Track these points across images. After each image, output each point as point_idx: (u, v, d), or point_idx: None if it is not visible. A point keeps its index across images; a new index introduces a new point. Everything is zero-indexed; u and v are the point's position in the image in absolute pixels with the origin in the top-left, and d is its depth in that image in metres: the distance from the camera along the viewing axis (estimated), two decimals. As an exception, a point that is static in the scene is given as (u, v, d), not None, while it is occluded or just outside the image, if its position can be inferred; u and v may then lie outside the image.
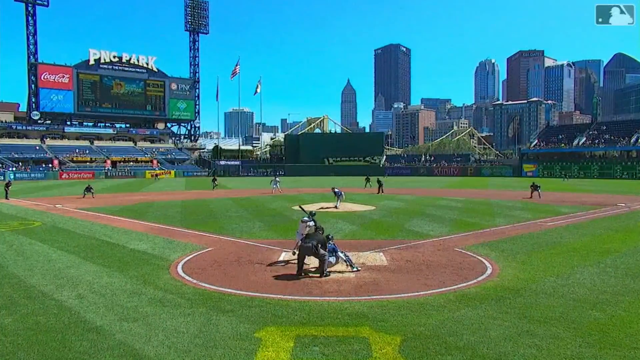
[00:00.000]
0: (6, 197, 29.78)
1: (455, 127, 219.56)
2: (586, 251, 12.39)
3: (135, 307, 7.66)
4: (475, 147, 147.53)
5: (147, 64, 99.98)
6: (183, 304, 7.82)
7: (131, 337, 6.33)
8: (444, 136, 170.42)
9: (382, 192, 35.81)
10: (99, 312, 7.40)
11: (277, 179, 38.32)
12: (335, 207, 24.00)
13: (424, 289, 8.81)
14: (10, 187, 31.57)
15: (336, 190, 25.15)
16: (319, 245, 9.74)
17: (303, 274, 9.76)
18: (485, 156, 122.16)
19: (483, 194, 35.88)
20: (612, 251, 12.36)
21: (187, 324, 6.82)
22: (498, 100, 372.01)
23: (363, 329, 6.63)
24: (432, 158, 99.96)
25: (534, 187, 31.35)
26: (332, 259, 10.12)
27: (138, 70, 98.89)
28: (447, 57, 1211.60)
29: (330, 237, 10.59)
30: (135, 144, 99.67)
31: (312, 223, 11.09)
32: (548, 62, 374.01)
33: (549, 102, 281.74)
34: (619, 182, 56.21)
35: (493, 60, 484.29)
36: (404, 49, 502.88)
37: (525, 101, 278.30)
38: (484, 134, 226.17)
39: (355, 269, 10.13)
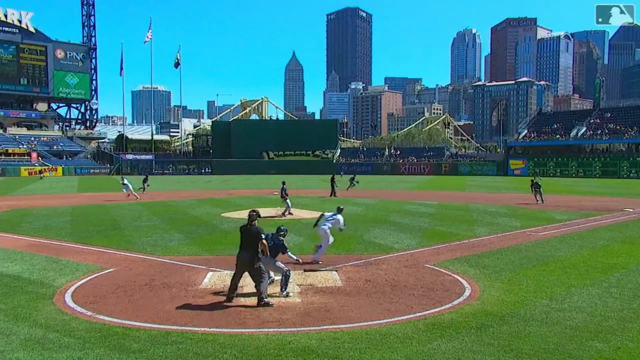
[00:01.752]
0: None
1: (426, 114, 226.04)
2: (586, 268, 13.00)
3: (1, 352, 7.27)
4: (451, 138, 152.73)
5: (20, 22, 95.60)
6: (72, 345, 7.51)
7: (-3, 391, 6.00)
8: (413, 125, 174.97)
9: (335, 195, 36.20)
10: (-50, 359, 6.96)
11: (125, 180, 35.35)
12: (289, 213, 24.62)
13: (388, 315, 8.95)
14: None
15: (285, 188, 25.80)
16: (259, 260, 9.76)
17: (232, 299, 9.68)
18: (463, 150, 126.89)
19: (460, 197, 37.10)
20: (618, 267, 13.02)
21: (77, 371, 6.55)
22: (480, 80, 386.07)
23: None
24: (398, 152, 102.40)
25: (536, 187, 31.39)
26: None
27: (6, 29, 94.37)
28: (418, 26, 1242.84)
29: (282, 229, 11.15)
30: (5, 131, 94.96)
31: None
32: (541, 33, 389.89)
33: (542, 82, 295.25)
34: (625, 182, 59.66)
35: (474, 31, 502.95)
36: (364, 15, 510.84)
37: (513, 82, 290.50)
38: (461, 123, 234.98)
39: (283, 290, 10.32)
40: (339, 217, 13.99)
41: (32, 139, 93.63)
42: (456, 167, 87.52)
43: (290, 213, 24.48)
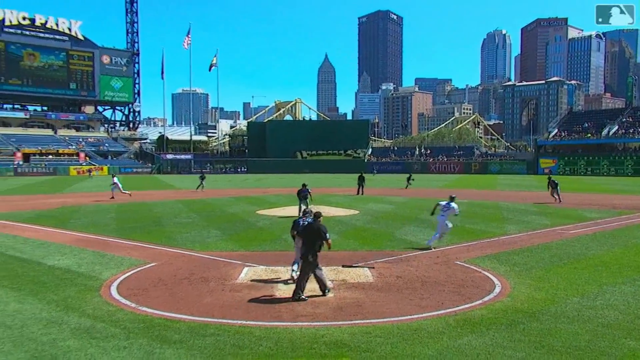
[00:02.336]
0: None
1: (456, 114, 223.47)
2: (618, 266, 12.70)
3: (54, 340, 7.48)
4: (480, 137, 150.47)
5: (70, 30, 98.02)
6: (118, 335, 7.69)
7: (49, 377, 6.17)
8: (443, 125, 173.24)
9: (362, 192, 36.29)
10: (3, 349, 7.18)
11: (115, 179, 34.22)
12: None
13: (418, 311, 8.90)
14: None
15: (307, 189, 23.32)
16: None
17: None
18: (493, 149, 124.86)
19: (490, 195, 36.55)
20: (649, 265, 12.68)
21: (122, 360, 6.70)
22: (510, 80, 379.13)
23: None
24: (428, 151, 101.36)
25: (553, 185, 30.69)
26: None
27: (58, 37, 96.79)
28: (448, 28, 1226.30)
29: (308, 211, 11.58)
30: (56, 132, 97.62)
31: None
32: (572, 33, 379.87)
33: (573, 82, 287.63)
34: (656, 181, 57.63)
35: (504, 32, 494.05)
36: (395, 17, 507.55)
37: (544, 81, 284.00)
38: (491, 122, 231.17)
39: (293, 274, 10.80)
40: (453, 204, 15.08)
41: (80, 140, 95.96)
42: (486, 166, 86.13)
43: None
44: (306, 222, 11.13)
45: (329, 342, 7.36)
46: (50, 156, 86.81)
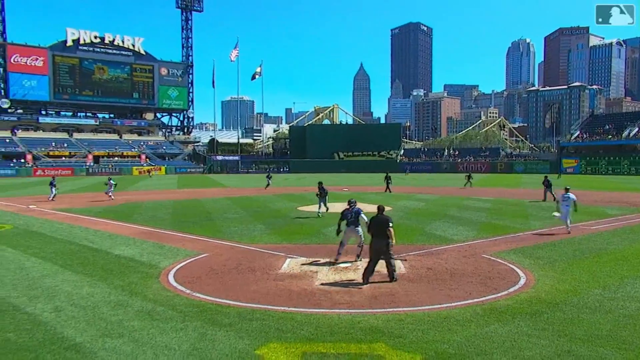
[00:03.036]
0: None
1: (483, 117, 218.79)
2: (638, 260, 12.26)
3: (120, 321, 7.71)
4: (506, 139, 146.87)
5: (134, 46, 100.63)
6: (175, 317, 7.86)
7: (115, 355, 6.37)
8: (470, 127, 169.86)
9: (390, 190, 35.93)
10: (78, 327, 7.45)
11: (112, 180, 30.72)
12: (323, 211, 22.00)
13: (447, 300, 8.78)
14: None
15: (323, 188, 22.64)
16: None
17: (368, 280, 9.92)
18: (517, 150, 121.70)
19: (515, 194, 35.69)
20: (667, 259, 12.18)
21: (179, 340, 6.85)
22: (533, 85, 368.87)
23: (378, 346, 6.61)
24: (456, 152, 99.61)
25: (547, 184, 28.50)
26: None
27: (123, 52, 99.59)
28: (475, 37, 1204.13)
29: (352, 201, 12.34)
30: (121, 137, 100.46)
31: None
32: (594, 41, 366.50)
33: (594, 87, 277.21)
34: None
35: (528, 40, 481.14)
36: (425, 29, 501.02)
37: (566, 86, 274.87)
38: (516, 125, 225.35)
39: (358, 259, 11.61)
40: (570, 194, 16.71)
41: (142, 143, 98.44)
42: (511, 166, 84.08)
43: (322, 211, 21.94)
44: (353, 211, 11.95)
45: (365, 328, 7.34)
46: (116, 158, 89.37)
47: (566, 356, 6.28)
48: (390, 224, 10.19)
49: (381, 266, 11.48)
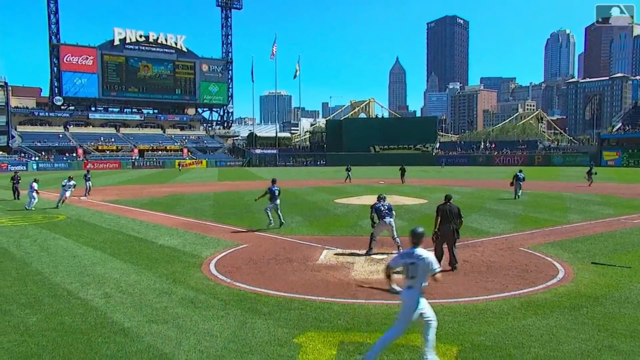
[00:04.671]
0: (16, 197, 26.41)
1: (520, 110, 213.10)
2: (681, 253, 11.70)
3: (165, 307, 7.91)
4: (544, 132, 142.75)
5: (176, 44, 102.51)
6: (216, 305, 8.00)
7: (161, 340, 6.54)
8: (507, 120, 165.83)
9: (404, 181, 37.16)
10: (126, 312, 7.69)
11: (71, 182, 23.53)
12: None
13: (484, 293, 8.62)
14: (20, 182, 27.15)
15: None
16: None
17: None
18: (556, 142, 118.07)
19: (553, 186, 34.65)
20: None
21: (221, 327, 6.98)
22: (573, 77, 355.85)
23: (414, 337, 6.54)
24: (493, 145, 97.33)
25: (518, 179, 26.50)
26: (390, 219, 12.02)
27: (166, 50, 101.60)
28: (512, 29, 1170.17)
29: (382, 196, 12.47)
30: (164, 131, 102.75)
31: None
32: (638, 30, 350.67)
33: (638, 77, 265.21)
34: None
35: (568, 31, 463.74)
36: (461, 22, 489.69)
37: (607, 78, 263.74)
38: (554, 117, 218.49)
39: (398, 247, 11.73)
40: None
41: (184, 137, 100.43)
42: (549, 159, 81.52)
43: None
44: (385, 205, 12.07)
45: (401, 318, 7.28)
46: (160, 152, 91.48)
47: (607, 351, 6.07)
48: (461, 214, 10.56)
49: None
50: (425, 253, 5.63)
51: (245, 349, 6.20)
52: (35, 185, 22.63)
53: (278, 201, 16.68)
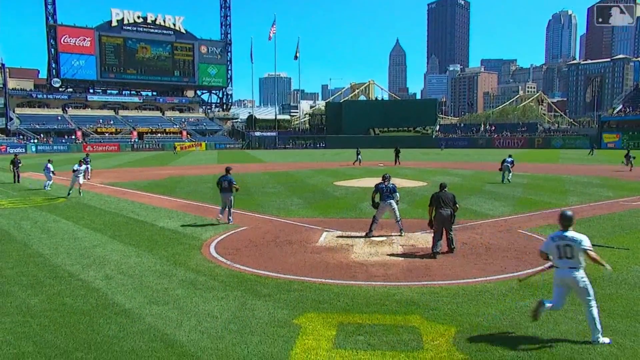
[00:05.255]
0: (17, 180, 26.19)
1: (520, 92, 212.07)
2: (679, 235, 11.74)
3: (166, 289, 7.97)
4: (544, 114, 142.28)
5: (175, 25, 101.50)
6: (216, 287, 8.06)
7: (161, 321, 6.60)
8: (507, 102, 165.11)
9: (399, 163, 37.58)
10: (127, 294, 7.74)
11: (82, 166, 21.52)
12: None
13: (482, 274, 8.68)
14: (20, 165, 26.75)
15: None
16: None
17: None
18: (556, 125, 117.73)
19: (553, 169, 34.65)
20: None
21: (221, 309, 7.03)
22: (574, 59, 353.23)
23: (413, 318, 6.61)
24: (493, 128, 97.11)
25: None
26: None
27: (165, 32, 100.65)
28: (513, 10, 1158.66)
29: (387, 176, 12.23)
30: (163, 114, 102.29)
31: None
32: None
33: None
34: None
35: (570, 12, 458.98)
36: (462, 2, 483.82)
37: (609, 59, 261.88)
38: (555, 100, 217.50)
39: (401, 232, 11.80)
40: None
41: (183, 120, 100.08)
42: (549, 141, 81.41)
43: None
44: (388, 187, 11.89)
45: (400, 300, 7.35)
46: (159, 134, 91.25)
47: (604, 332, 6.12)
48: (456, 200, 10.49)
49: (416, 240, 11.42)
50: (578, 235, 6.11)
51: (245, 330, 6.26)
52: (50, 166, 22.97)
53: (232, 197, 14.07)
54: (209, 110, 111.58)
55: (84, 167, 22.59)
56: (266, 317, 6.70)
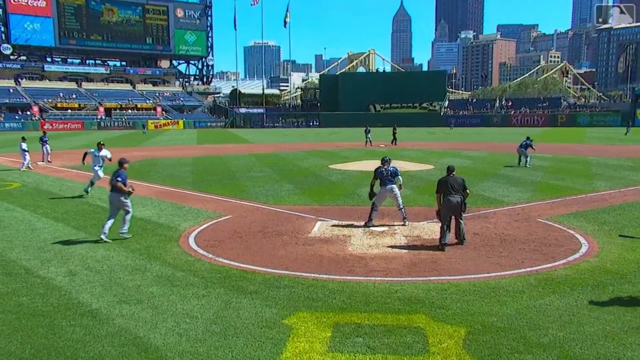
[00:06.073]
0: None
1: (542, 62, 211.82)
2: None
3: (139, 286, 7.97)
4: (569, 88, 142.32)
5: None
6: (196, 284, 8.08)
7: (134, 322, 6.61)
8: (527, 74, 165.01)
9: (396, 143, 38.35)
10: (94, 292, 7.75)
11: (24, 144, 23.40)
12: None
13: (497, 269, 8.74)
14: None
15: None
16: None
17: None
18: (583, 100, 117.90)
19: (578, 150, 34.82)
20: None
21: (202, 308, 7.05)
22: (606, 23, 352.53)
23: (418, 317, 6.66)
24: (510, 103, 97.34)
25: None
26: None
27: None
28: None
29: (386, 159, 12.26)
30: (134, 87, 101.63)
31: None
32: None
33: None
34: None
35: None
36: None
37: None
38: (582, 71, 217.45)
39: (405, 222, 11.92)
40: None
41: (157, 94, 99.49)
42: (574, 118, 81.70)
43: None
44: (389, 170, 11.93)
45: (403, 297, 7.39)
46: (130, 110, 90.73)
47: (634, 333, 6.18)
48: (466, 184, 10.55)
49: (422, 231, 11.47)
50: None
51: (229, 332, 6.29)
52: (24, 145, 23.64)
53: (124, 200, 10.98)
54: (187, 84, 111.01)
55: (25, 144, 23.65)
56: (253, 317, 6.74)
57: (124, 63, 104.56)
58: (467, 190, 10.43)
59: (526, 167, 23.97)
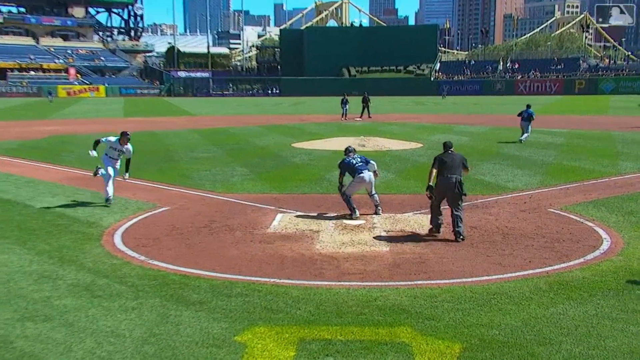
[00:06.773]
0: None
1: (557, 14, 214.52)
2: None
3: (47, 298, 7.83)
4: (590, 46, 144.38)
5: None
6: (124, 293, 7.99)
7: (41, 345, 6.49)
8: (538, 29, 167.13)
9: (370, 116, 39.22)
10: (-11, 306, 7.60)
11: None
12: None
13: (498, 271, 8.86)
14: None
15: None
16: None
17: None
18: (607, 61, 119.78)
19: (600, 123, 35.51)
20: None
21: (131, 324, 6.99)
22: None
23: (402, 331, 6.73)
24: (516, 66, 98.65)
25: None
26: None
27: None
28: None
29: (350, 149, 12.52)
30: (38, 41, 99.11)
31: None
32: None
33: None
34: None
35: None
36: None
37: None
38: (606, 25, 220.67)
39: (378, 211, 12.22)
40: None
41: (69, 52, 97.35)
42: (595, 84, 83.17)
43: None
44: (357, 159, 12.13)
45: (384, 306, 7.45)
46: (32, 72, 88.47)
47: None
48: (467, 164, 10.95)
49: (406, 224, 11.58)
50: None
51: (166, 353, 6.25)
52: None
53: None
54: (109, 39, 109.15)
55: None
56: (197, 333, 6.71)
57: (22, 9, 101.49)
58: (468, 168, 10.83)
59: (520, 141, 24.52)
